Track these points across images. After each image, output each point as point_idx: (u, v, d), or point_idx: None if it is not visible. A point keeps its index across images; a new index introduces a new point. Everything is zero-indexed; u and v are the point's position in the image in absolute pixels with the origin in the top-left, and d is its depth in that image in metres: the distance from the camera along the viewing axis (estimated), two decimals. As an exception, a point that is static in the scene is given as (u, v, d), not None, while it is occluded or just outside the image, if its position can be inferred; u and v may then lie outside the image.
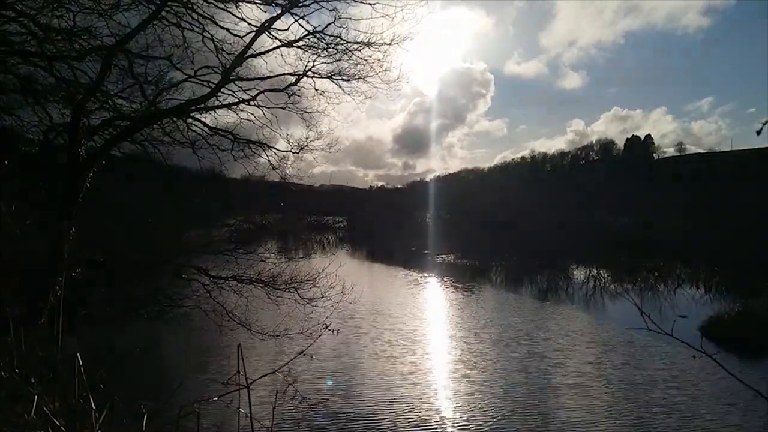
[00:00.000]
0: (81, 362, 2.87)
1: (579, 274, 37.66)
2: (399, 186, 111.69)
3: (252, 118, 13.62)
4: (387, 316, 22.14)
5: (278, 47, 12.50)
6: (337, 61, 12.81)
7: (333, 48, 12.51)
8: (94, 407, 2.73)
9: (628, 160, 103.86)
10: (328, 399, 12.23)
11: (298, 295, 14.22)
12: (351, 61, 12.80)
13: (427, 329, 20.24)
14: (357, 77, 13.03)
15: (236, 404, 2.80)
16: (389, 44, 12.60)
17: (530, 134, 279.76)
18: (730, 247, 36.39)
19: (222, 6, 11.97)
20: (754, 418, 11.52)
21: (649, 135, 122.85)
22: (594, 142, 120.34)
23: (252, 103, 13.10)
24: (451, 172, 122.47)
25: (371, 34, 12.44)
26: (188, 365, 15.22)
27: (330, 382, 13.44)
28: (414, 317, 22.28)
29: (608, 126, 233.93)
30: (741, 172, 61.90)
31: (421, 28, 12.83)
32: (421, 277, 36.78)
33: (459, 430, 11.00)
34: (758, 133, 2.05)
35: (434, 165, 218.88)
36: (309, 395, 11.84)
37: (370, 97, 13.88)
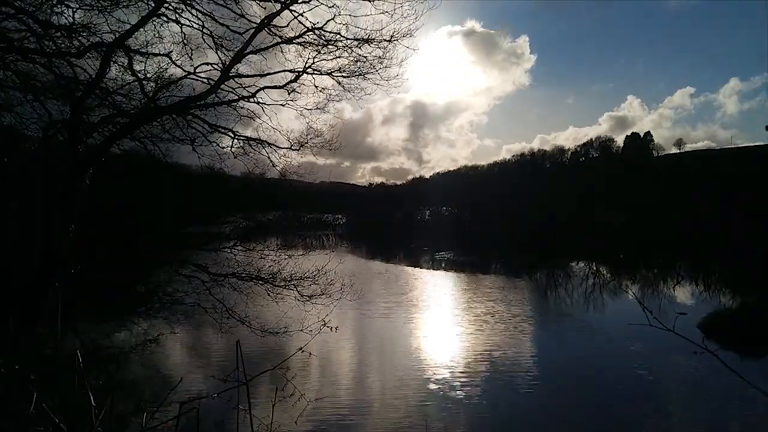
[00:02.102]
0: (81, 358, 2.86)
1: (579, 270, 37.70)
2: (398, 183, 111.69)
3: (252, 115, 13.59)
4: (386, 312, 22.17)
5: (278, 44, 12.45)
6: (337, 57, 12.77)
7: (333, 45, 12.46)
8: (93, 404, 2.73)
9: (627, 158, 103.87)
10: (327, 395, 12.26)
11: (298, 292, 14.21)
12: (351, 58, 12.76)
13: (425, 325, 20.25)
14: (357, 74, 12.99)
15: (236, 401, 2.80)
16: (389, 41, 12.56)
17: (568, 115, 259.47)
18: (729, 243, 36.41)
19: (221, 2, 11.94)
20: (755, 414, 11.54)
21: (649, 132, 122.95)
22: (594, 139, 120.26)
23: (252, 100, 13.06)
24: (451, 169, 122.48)
25: (371, 30, 12.41)
26: (188, 362, 15.24)
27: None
28: (413, 314, 22.30)
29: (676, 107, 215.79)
30: (742, 169, 61.82)
31: None
32: (420, 274, 36.81)
33: (459, 423, 11.02)
34: (767, 128, 2.03)
35: (439, 154, 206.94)
36: (308, 392, 11.86)
37: (369, 94, 13.87)
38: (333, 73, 12.98)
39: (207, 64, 12.98)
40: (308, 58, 12.67)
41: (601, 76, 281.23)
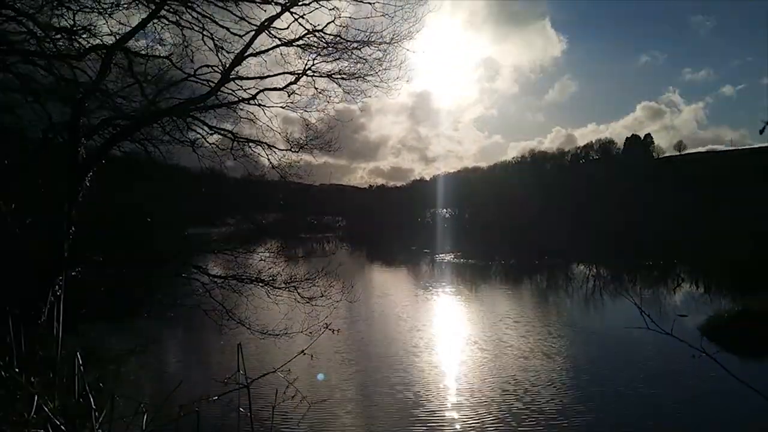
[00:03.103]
0: (81, 361, 2.86)
1: (579, 273, 37.66)
2: (399, 185, 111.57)
3: (252, 117, 13.60)
4: (386, 315, 22.14)
5: (278, 46, 12.46)
6: (337, 60, 12.77)
7: (332, 47, 12.46)
8: (94, 406, 2.72)
9: (628, 160, 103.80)
10: (328, 398, 12.24)
11: (298, 294, 14.18)
12: (351, 60, 12.77)
13: (426, 328, 20.23)
14: (357, 76, 13.00)
15: (236, 403, 2.80)
16: (389, 43, 12.57)
17: (597, 105, 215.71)
18: (729, 245, 36.36)
19: (221, 4, 11.92)
20: (754, 417, 11.52)
21: (649, 134, 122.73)
22: (594, 141, 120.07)
23: (252, 102, 13.06)
24: (456, 168, 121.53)
25: (371, 33, 12.41)
26: (188, 364, 15.23)
27: (321, 377, 13.44)
28: (413, 316, 22.27)
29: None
30: (741, 171, 61.82)
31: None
32: (420, 276, 36.78)
33: (460, 426, 11.00)
34: (761, 132, 2.04)
35: (444, 152, 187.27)
36: (309, 394, 11.83)
37: (369, 96, 13.89)
38: (333, 75, 12.99)
39: (207, 66, 12.98)
40: (308, 60, 12.68)
41: (646, 53, 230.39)
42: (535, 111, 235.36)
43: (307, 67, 12.73)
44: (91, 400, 2.74)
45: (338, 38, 12.35)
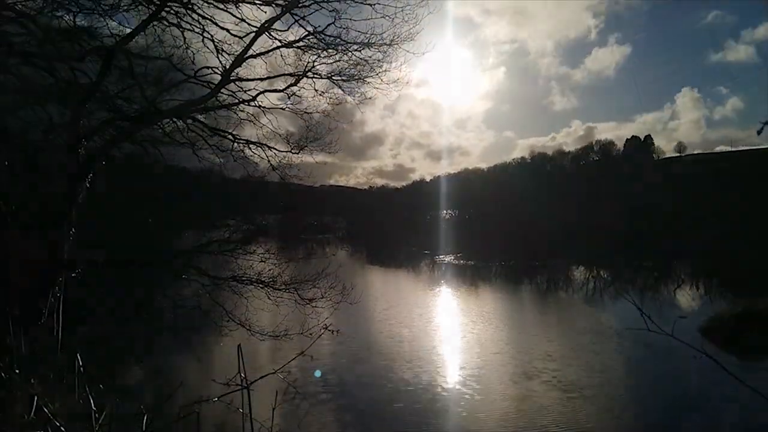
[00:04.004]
0: (81, 362, 2.86)
1: (579, 274, 37.69)
2: (399, 186, 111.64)
3: (252, 118, 13.62)
4: (386, 316, 22.14)
5: (278, 48, 12.46)
6: (337, 61, 12.78)
7: (333, 49, 12.46)
8: (94, 407, 2.73)
9: (628, 161, 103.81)
10: (328, 399, 12.25)
11: (298, 295, 14.18)
12: (351, 62, 12.78)
13: (425, 329, 20.22)
14: (357, 78, 13.01)
15: (236, 405, 2.79)
16: (389, 45, 12.58)
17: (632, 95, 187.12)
18: (729, 247, 36.37)
19: (222, 6, 11.93)
20: (754, 418, 11.52)
21: (649, 135, 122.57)
22: (594, 142, 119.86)
23: (252, 103, 13.08)
24: (453, 172, 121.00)
25: (371, 34, 12.42)
26: (188, 366, 15.23)
27: (318, 374, 13.46)
28: (413, 318, 22.27)
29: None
30: (741, 173, 61.78)
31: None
32: (420, 278, 36.77)
33: (459, 425, 11.00)
34: (759, 132, 2.04)
35: (451, 148, 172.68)
36: (309, 395, 11.85)
37: (370, 98, 13.90)
38: (333, 77, 13.00)
39: (207, 67, 12.99)
40: (308, 62, 12.69)
41: (717, 8, 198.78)
42: (563, 89, 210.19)
43: (307, 69, 12.73)
44: (91, 401, 2.74)
45: (338, 40, 12.35)
